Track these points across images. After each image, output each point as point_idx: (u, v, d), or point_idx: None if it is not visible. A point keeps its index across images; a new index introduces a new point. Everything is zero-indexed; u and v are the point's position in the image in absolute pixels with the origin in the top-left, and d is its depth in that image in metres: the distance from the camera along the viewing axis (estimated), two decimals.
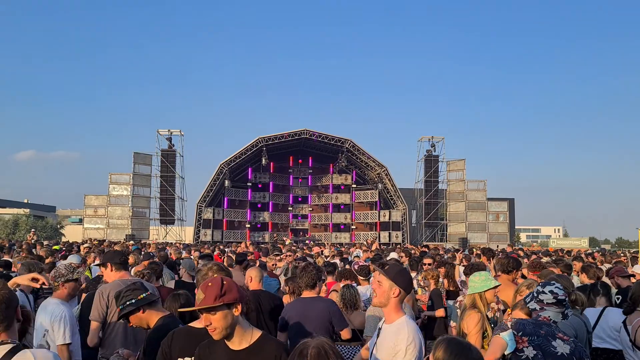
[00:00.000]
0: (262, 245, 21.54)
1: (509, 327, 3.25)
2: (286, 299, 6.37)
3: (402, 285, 3.32)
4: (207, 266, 3.28)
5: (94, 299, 4.71)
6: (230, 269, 8.63)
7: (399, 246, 33.22)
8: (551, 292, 3.28)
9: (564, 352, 3.07)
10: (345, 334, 4.91)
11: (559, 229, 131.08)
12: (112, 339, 4.66)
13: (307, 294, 5.13)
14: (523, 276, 7.03)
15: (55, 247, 15.76)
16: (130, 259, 8.43)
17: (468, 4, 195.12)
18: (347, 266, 8.74)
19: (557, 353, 3.06)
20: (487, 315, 4.23)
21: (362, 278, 7.32)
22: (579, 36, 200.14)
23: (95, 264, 7.50)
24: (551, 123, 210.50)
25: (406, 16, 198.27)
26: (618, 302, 5.60)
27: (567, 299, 3.32)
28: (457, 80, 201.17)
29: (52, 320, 4.45)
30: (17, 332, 2.70)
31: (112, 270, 5.02)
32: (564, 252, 22.50)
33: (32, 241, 21.73)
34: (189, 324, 3.16)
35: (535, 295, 3.35)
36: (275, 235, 44.97)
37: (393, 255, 12.28)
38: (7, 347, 2.52)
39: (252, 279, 5.75)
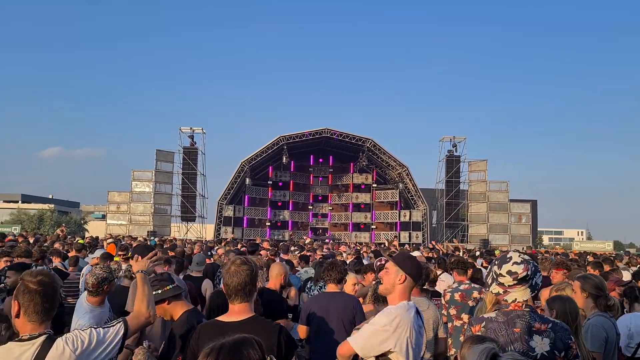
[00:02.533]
0: (281, 243, 21.54)
1: (482, 340, 2.90)
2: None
3: (409, 271, 3.15)
4: (231, 259, 3.23)
5: (130, 291, 4.73)
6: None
7: (422, 245, 32.97)
8: (509, 272, 2.83)
9: (543, 351, 2.73)
10: None
11: (582, 232, 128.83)
12: (149, 332, 4.68)
13: (331, 288, 5.10)
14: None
15: (80, 241, 16.00)
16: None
17: (490, 4, 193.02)
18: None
19: (537, 356, 2.72)
20: None
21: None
22: (605, 35, 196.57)
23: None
24: (575, 124, 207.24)
25: (429, 16, 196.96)
26: None
27: (528, 272, 2.83)
28: (480, 80, 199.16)
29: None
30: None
31: None
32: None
33: (64, 234, 21.96)
34: (215, 318, 3.13)
35: (495, 277, 2.90)
36: (292, 234, 45.09)
37: (416, 253, 12.02)
38: (42, 338, 2.56)
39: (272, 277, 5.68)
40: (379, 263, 7.52)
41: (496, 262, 2.99)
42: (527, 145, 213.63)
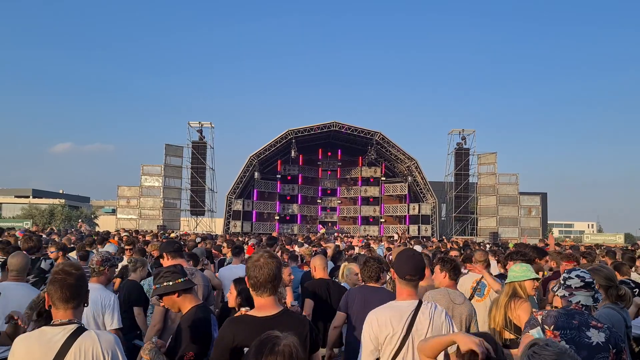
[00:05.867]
0: (288, 235, 21.60)
1: (540, 321, 3.17)
2: None
3: (393, 265, 3.46)
4: (259, 253, 3.23)
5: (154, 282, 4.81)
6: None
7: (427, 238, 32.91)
8: (577, 276, 3.22)
9: (599, 341, 2.98)
10: None
11: (592, 225, 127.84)
12: (169, 325, 4.70)
13: (372, 284, 5.22)
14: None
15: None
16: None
17: None
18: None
19: (592, 343, 2.97)
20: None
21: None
22: (615, 25, 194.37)
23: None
24: (585, 115, 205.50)
25: (437, 7, 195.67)
26: None
27: (594, 281, 3.25)
28: (489, 73, 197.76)
29: (104, 305, 4.71)
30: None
31: (168, 259, 5.12)
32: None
33: (85, 229, 22.13)
34: (245, 313, 3.12)
35: (563, 282, 3.29)
36: (309, 227, 45.38)
37: (417, 248, 12.07)
38: (73, 326, 2.67)
39: (316, 268, 5.75)
40: (391, 257, 7.50)
41: (567, 271, 3.39)
42: (536, 137, 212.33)
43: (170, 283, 3.54)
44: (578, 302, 3.18)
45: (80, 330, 2.69)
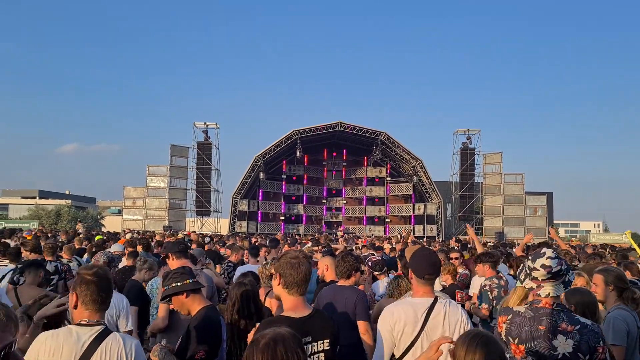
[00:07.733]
0: (289, 236, 21.55)
1: (502, 335, 2.85)
2: None
3: (410, 265, 3.42)
4: (290, 253, 3.18)
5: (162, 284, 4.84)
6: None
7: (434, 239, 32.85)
8: (543, 266, 2.82)
9: (565, 351, 2.70)
10: (360, 325, 4.75)
11: (599, 224, 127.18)
12: (176, 328, 4.69)
13: (342, 282, 5.16)
14: None
15: (98, 237, 16.18)
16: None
17: None
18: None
19: (558, 356, 2.69)
20: None
21: (377, 273, 7.15)
22: (621, 24, 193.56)
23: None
24: (591, 114, 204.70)
25: (441, 7, 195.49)
26: None
27: (562, 267, 2.84)
28: (494, 72, 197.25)
29: (120, 309, 4.81)
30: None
31: (173, 260, 5.14)
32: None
33: (84, 230, 22.26)
34: (281, 314, 3.08)
35: (528, 272, 2.91)
36: (318, 227, 45.63)
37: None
38: (100, 327, 2.73)
39: (328, 268, 5.63)
40: (370, 262, 7.42)
41: (530, 257, 3.00)
42: (542, 137, 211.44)
43: (179, 284, 3.57)
44: (547, 295, 2.84)
45: (106, 332, 2.73)
